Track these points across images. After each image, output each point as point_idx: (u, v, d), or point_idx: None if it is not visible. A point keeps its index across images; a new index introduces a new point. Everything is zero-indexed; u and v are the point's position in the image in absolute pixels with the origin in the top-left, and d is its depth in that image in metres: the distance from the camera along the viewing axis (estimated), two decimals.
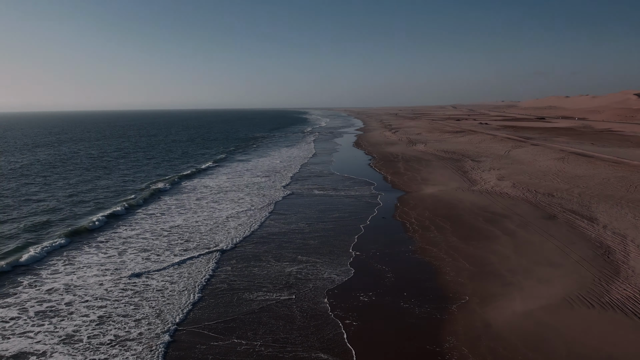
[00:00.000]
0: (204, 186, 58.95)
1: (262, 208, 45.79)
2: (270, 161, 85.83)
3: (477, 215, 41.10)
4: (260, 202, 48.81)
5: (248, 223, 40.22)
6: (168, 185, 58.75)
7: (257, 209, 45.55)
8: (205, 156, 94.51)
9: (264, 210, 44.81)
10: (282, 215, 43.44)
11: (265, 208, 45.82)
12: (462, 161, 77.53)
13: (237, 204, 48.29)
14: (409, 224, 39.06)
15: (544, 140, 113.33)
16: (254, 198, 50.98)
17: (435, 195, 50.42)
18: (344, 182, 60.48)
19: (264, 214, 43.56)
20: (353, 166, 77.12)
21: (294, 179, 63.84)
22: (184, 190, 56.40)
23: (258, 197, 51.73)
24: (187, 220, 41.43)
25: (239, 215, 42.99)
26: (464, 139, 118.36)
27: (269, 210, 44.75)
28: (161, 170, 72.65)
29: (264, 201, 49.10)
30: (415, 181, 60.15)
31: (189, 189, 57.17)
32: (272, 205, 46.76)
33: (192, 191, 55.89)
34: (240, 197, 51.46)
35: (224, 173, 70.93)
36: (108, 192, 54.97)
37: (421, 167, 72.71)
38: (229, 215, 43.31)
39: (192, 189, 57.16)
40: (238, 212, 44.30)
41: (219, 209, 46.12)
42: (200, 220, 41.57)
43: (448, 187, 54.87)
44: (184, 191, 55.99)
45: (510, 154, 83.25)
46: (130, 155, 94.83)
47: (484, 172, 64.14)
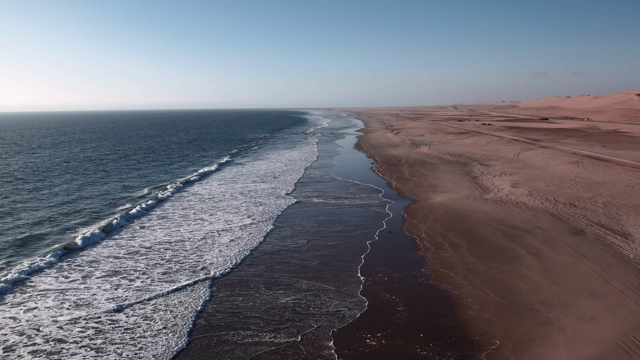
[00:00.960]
0: (201, 194, 54.51)
1: (261, 222, 41.41)
2: (271, 165, 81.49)
3: (495, 229, 36.93)
4: (259, 213, 44.51)
5: (243, 240, 35.97)
6: (162, 193, 53.76)
7: (255, 222, 41.28)
8: (206, 160, 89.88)
9: (262, 224, 40.46)
10: (280, 228, 39.27)
11: (264, 222, 41.31)
12: (470, 165, 73.38)
13: (234, 215, 44.06)
14: (419, 240, 34.89)
15: (552, 142, 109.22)
16: (251, 208, 46.70)
17: (445, 204, 46.24)
18: (347, 189, 56.32)
19: (262, 228, 39.24)
20: (355, 170, 72.95)
21: (296, 186, 59.58)
22: (180, 199, 52.03)
23: (256, 206, 47.46)
24: (174, 236, 37.26)
25: (234, 230, 38.79)
26: (469, 141, 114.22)
27: (268, 226, 40.29)
28: (159, 176, 68.12)
29: (263, 212, 44.83)
30: (422, 188, 55.99)
31: (185, 198, 52.74)
32: (271, 221, 41.71)
33: (189, 200, 51.52)
34: (237, 207, 47.19)
35: (223, 179, 66.58)
36: (98, 201, 50.51)
37: (427, 171, 68.56)
38: (223, 229, 39.10)
39: (188, 198, 52.81)
40: (232, 227, 40.02)
41: (211, 220, 41.93)
42: (189, 235, 37.36)
43: (458, 195, 50.70)
44: (180, 200, 51.64)
45: (520, 157, 79.10)
46: (128, 159, 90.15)
47: (495, 178, 59.98)
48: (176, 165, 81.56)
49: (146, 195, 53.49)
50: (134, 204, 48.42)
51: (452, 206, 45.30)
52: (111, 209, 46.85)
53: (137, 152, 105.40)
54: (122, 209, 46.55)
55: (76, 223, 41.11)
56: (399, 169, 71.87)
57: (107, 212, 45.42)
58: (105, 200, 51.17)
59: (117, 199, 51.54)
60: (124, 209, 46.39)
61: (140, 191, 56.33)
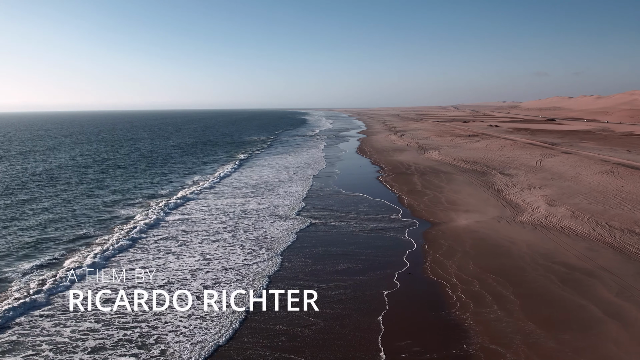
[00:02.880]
0: (193, 218, 45.37)
1: (255, 263, 32.52)
2: (273, 175, 72.08)
3: (547, 270, 28.49)
4: (254, 252, 35.51)
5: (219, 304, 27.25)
6: (154, 213, 44.54)
7: (248, 264, 32.45)
8: (205, 167, 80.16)
9: (258, 270, 31.62)
10: (278, 265, 30.81)
11: (260, 262, 31.59)
12: (489, 174, 64.94)
13: (220, 251, 35.39)
14: (450, 288, 26.42)
15: (570, 146, 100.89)
16: (245, 244, 36.52)
17: (472, 229, 37.78)
18: (352, 206, 47.84)
19: (255, 281, 30.19)
20: (360, 181, 64.42)
21: (300, 203, 50.73)
22: (169, 227, 43.34)
23: (252, 243, 36.06)
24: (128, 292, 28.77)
25: (214, 277, 30.22)
26: (480, 145, 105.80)
27: (264, 264, 31.50)
28: (152, 189, 58.64)
29: (260, 250, 35.85)
30: (440, 205, 47.52)
31: (174, 224, 43.88)
32: (268, 263, 31.35)
33: (178, 227, 42.97)
34: (222, 242, 38.50)
35: (222, 193, 57.95)
36: (77, 224, 41.89)
37: (441, 182, 60.09)
38: (202, 282, 30.56)
39: (177, 223, 44.02)
40: (208, 278, 31.46)
41: (184, 261, 33.39)
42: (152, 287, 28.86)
43: (485, 215, 42.25)
44: (168, 228, 43.00)
45: (544, 165, 70.65)
46: (123, 167, 79.79)
47: (523, 192, 51.55)
48: (172, 175, 71.69)
49: (120, 224, 44.88)
50: (110, 236, 39.33)
51: (482, 232, 36.83)
52: (86, 240, 38.30)
53: (131, 157, 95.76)
54: (93, 243, 37.86)
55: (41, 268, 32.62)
56: (409, 179, 63.39)
57: (80, 243, 36.94)
58: (99, 220, 42.65)
59: (94, 223, 43.02)
60: (95, 243, 37.62)
61: (123, 210, 47.62)
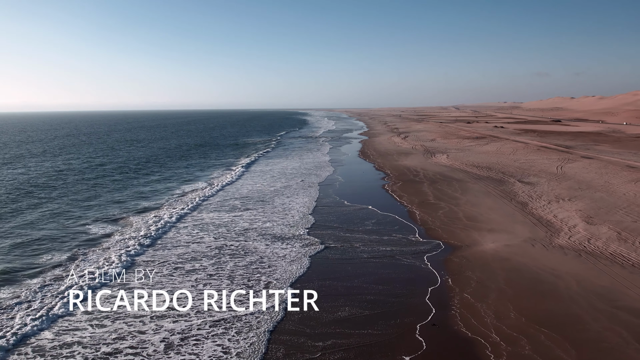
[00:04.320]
0: (178, 242, 37.95)
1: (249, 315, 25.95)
2: (268, 183, 65.74)
3: (611, 319, 22.01)
4: (245, 285, 29.25)
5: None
6: (142, 241, 36.31)
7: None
8: (206, 174, 72.87)
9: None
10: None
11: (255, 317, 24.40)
12: (507, 182, 58.46)
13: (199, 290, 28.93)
14: (491, 351, 19.90)
15: (587, 150, 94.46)
16: (234, 276, 30.43)
17: (503, 256, 31.30)
18: (356, 223, 41.32)
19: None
20: (364, 190, 57.98)
21: (303, 221, 44.33)
22: (160, 251, 36.85)
23: (242, 276, 29.69)
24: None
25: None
26: (490, 148, 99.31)
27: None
28: (138, 201, 51.48)
29: (249, 283, 29.68)
30: (458, 221, 41.02)
31: (164, 254, 37.13)
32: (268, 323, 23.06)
33: (168, 261, 36.28)
34: (204, 277, 32.03)
35: (221, 207, 51.47)
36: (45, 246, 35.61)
37: (455, 192, 53.61)
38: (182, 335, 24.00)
39: (168, 255, 37.33)
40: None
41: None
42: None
43: (515, 236, 35.76)
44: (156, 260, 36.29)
45: (565, 172, 64.17)
46: (115, 174, 72.10)
47: (552, 205, 45.04)
48: (169, 182, 64.56)
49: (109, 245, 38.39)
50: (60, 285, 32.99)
51: (516, 261, 30.33)
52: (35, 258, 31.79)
53: (127, 162, 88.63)
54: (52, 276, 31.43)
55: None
56: (418, 188, 56.90)
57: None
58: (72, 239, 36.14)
59: (68, 238, 36.55)
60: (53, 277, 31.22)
61: (99, 227, 41.32)
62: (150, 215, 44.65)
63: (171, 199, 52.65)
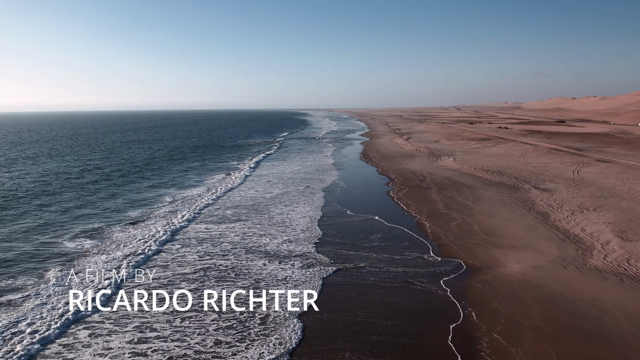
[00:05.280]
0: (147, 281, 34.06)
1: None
2: (273, 190, 61.66)
3: None
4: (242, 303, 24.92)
5: None
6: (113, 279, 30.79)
7: None
8: (202, 179, 67.70)
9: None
10: None
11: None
12: (522, 189, 54.14)
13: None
14: None
15: (599, 152, 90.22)
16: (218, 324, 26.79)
17: (532, 281, 26.97)
18: (361, 238, 36.99)
19: None
20: (367, 197, 53.68)
21: (303, 234, 40.22)
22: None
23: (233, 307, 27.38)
24: None
25: None
26: (498, 150, 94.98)
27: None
28: (127, 211, 46.87)
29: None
30: (474, 236, 36.70)
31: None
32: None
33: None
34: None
35: (216, 217, 47.23)
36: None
37: (467, 200, 49.28)
38: None
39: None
40: None
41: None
42: None
43: (542, 255, 31.44)
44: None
45: (583, 178, 59.84)
46: (107, 179, 67.31)
47: (576, 216, 40.69)
48: (165, 189, 59.75)
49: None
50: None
51: (549, 288, 25.98)
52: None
53: (121, 167, 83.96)
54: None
55: None
56: (426, 196, 52.57)
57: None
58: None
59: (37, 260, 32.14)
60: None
61: (82, 243, 36.98)
62: (136, 230, 40.00)
63: (163, 208, 47.91)
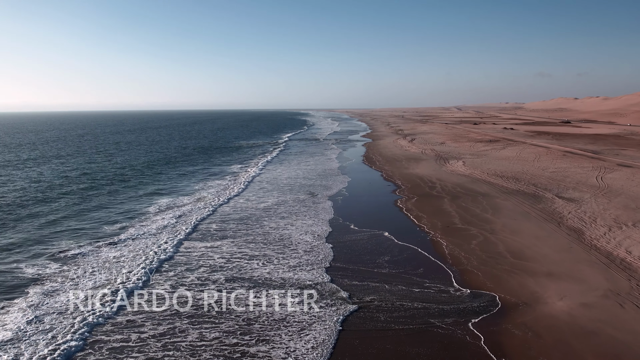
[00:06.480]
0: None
1: None
2: (275, 198, 56.51)
3: None
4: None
5: None
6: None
7: None
8: (200, 186, 61.86)
9: None
10: None
11: None
12: (544, 198, 48.70)
13: None
14: None
15: (616, 156, 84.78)
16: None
17: (588, 329, 21.50)
18: (367, 261, 31.55)
19: None
20: (373, 208, 48.20)
21: (305, 257, 34.86)
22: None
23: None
24: None
25: None
26: (509, 153, 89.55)
27: None
28: (108, 225, 41.64)
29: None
30: (501, 259, 31.21)
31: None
32: None
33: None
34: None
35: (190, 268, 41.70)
36: None
37: (485, 212, 43.81)
38: None
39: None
40: None
41: None
42: None
43: (588, 287, 25.98)
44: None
45: (609, 184, 54.40)
46: (92, 187, 61.06)
47: (614, 233, 35.22)
48: (160, 198, 53.96)
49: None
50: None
51: (609, 337, 20.50)
52: None
53: (112, 172, 78.74)
54: None
55: None
56: (438, 206, 47.13)
57: None
58: None
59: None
60: None
61: (44, 268, 31.52)
62: (110, 252, 34.36)
63: (148, 224, 41.48)
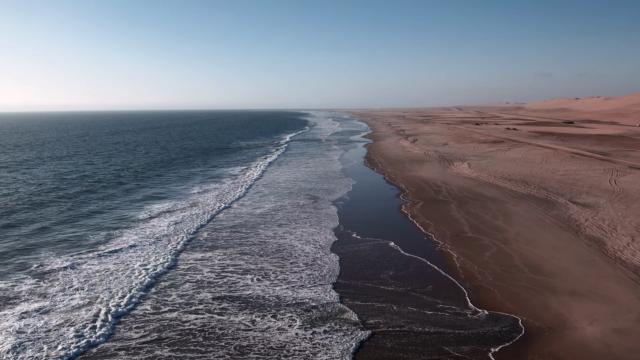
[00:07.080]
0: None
1: None
2: (276, 204, 53.92)
3: None
4: None
5: None
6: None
7: None
8: (198, 190, 58.46)
9: None
10: None
11: None
12: (557, 204, 45.95)
13: None
14: None
15: (626, 157, 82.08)
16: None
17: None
18: (370, 275, 28.83)
19: None
20: (376, 214, 45.42)
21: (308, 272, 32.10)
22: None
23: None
24: None
25: None
26: (515, 155, 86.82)
27: None
28: (94, 234, 39.70)
29: None
30: (518, 273, 28.47)
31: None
32: None
33: None
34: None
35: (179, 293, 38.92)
36: None
37: (496, 219, 41.05)
38: None
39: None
40: None
41: None
42: None
43: (619, 307, 23.26)
44: None
45: (623, 188, 51.69)
46: (86, 192, 59.73)
47: (638, 243, 32.51)
48: (153, 203, 51.36)
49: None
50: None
51: None
52: None
53: (106, 175, 76.05)
54: None
55: None
56: (445, 212, 44.37)
57: None
58: None
59: None
60: None
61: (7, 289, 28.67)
62: (93, 266, 31.75)
63: (139, 237, 37.90)
